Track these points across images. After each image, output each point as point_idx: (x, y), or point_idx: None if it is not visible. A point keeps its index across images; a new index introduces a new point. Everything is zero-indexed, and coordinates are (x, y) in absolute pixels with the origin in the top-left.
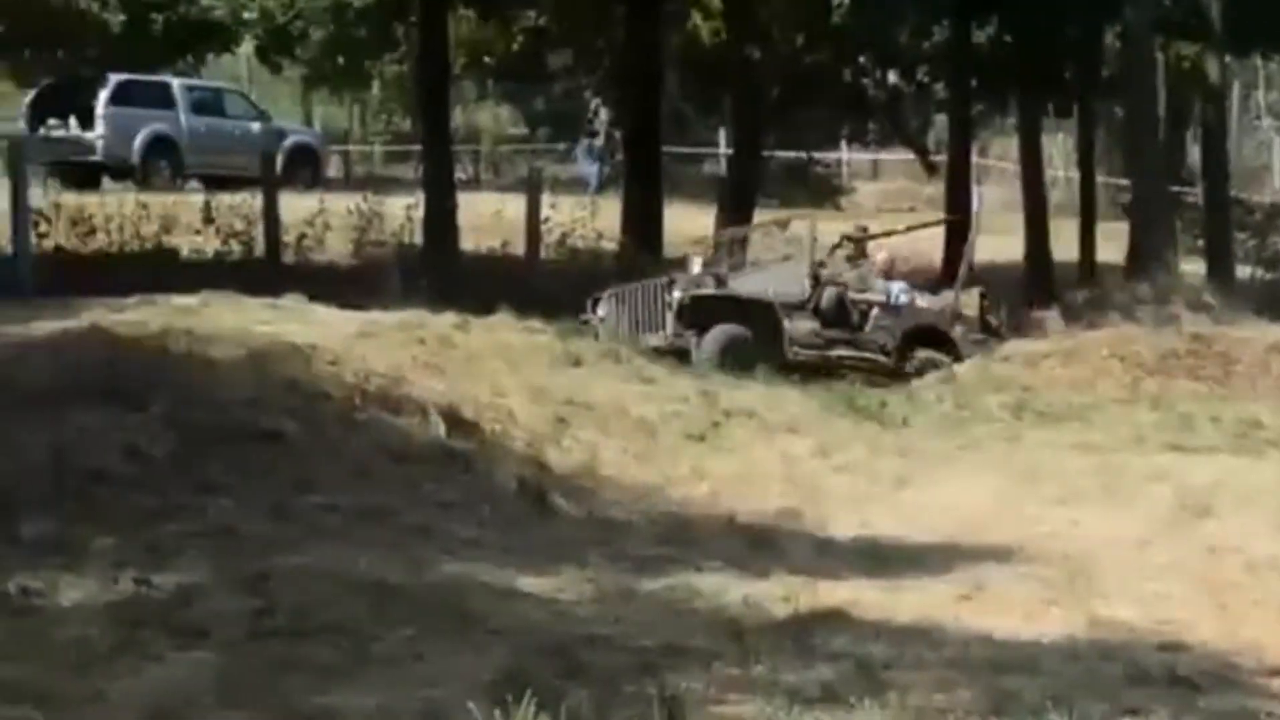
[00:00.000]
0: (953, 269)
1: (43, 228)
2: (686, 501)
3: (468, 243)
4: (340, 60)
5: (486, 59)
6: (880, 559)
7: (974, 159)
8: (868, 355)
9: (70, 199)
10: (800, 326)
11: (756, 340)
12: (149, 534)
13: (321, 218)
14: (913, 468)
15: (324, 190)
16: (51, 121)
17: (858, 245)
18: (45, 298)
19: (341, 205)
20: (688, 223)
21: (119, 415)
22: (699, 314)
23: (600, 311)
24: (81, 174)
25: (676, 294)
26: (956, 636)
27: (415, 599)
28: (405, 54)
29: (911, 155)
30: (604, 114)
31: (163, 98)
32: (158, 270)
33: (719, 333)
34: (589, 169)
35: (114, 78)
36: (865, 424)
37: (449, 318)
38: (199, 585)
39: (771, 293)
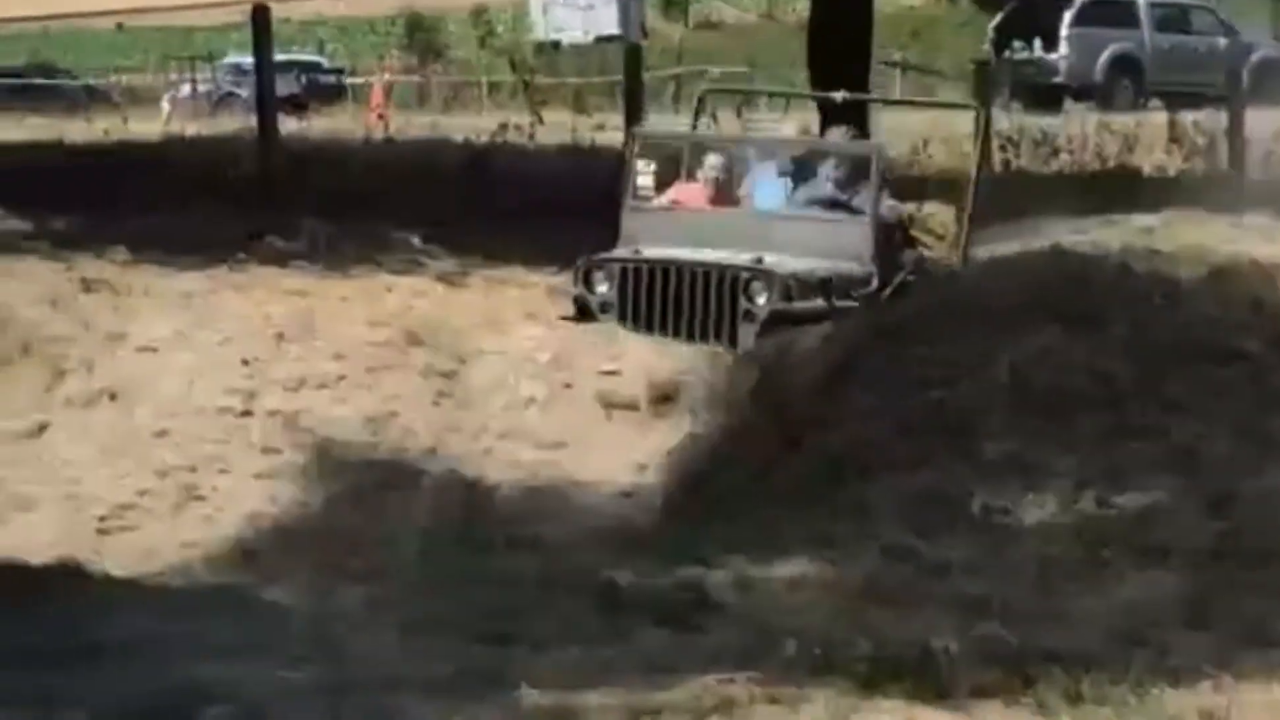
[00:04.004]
0: None
1: (1006, 151)
2: None
3: None
4: None
5: None
6: None
7: None
8: None
9: (1031, 121)
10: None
11: None
12: (1109, 454)
13: None
14: None
15: None
16: (1016, 44)
17: None
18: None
19: None
20: None
21: (1079, 335)
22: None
23: (601, 289)
24: (1042, 95)
25: (761, 301)
26: None
27: None
28: None
29: None
30: None
31: (1127, 16)
32: (1119, 190)
33: None
34: None
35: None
36: None
37: None
38: (1161, 506)
39: (824, 271)
